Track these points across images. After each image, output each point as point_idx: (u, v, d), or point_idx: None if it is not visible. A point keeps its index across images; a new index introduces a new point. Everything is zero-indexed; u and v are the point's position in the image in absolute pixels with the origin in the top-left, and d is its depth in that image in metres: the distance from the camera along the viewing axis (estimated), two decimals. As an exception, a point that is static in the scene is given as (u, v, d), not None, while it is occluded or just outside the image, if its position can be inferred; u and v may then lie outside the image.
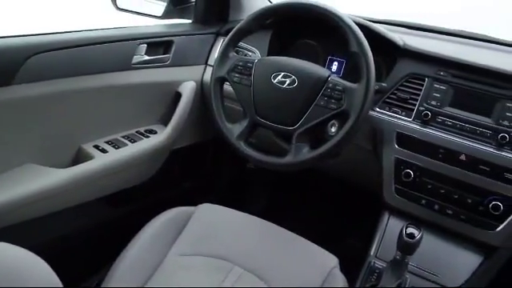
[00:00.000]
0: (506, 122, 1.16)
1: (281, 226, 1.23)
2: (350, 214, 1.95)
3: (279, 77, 1.18)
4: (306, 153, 1.15)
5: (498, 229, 1.15)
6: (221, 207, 1.27)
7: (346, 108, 1.10)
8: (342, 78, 1.16)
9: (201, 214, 1.24)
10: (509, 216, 1.14)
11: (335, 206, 2.02)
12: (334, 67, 1.48)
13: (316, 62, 1.27)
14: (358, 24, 1.15)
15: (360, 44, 1.10)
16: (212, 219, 1.23)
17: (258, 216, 1.25)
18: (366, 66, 1.09)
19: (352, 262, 1.24)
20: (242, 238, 1.18)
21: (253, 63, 1.23)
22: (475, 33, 1.54)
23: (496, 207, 1.14)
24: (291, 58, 1.23)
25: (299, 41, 1.55)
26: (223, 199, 1.74)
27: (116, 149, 1.35)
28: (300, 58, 1.24)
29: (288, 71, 1.18)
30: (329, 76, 1.14)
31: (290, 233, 1.21)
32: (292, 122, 1.16)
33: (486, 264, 1.19)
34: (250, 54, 1.50)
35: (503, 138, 1.14)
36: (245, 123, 1.23)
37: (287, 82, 1.17)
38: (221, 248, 1.14)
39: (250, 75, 1.22)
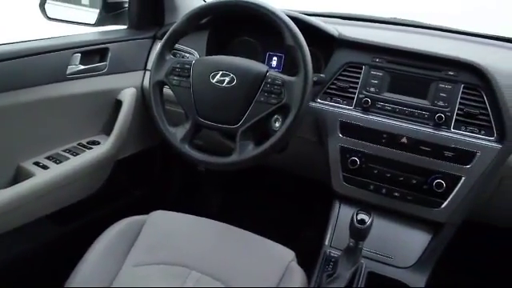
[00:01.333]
0: (440, 103, 1.21)
1: (237, 225, 1.22)
2: (305, 207, 1.97)
3: (218, 76, 1.17)
4: (250, 150, 1.15)
5: (443, 206, 1.20)
6: (174, 213, 1.25)
7: (287, 102, 1.11)
8: (283, 72, 1.16)
9: (153, 222, 1.21)
10: (452, 192, 1.19)
11: (289, 200, 2.03)
12: (274, 62, 1.48)
13: (256, 58, 1.27)
14: (292, 17, 1.15)
15: (295, 37, 1.11)
16: (165, 226, 1.21)
17: (214, 218, 1.24)
18: (302, 59, 1.10)
19: (310, 254, 1.25)
20: (197, 241, 1.16)
21: (190, 64, 1.21)
22: (407, 19, 1.59)
23: (439, 185, 1.18)
24: (229, 57, 1.22)
25: (237, 39, 1.55)
26: (177, 204, 1.72)
27: (57, 164, 1.30)
28: (239, 55, 1.23)
29: (226, 70, 1.17)
30: (267, 71, 1.14)
31: (245, 232, 1.20)
32: (234, 121, 1.16)
33: (434, 241, 1.24)
34: (188, 55, 1.48)
35: (440, 118, 1.19)
36: (187, 126, 1.22)
37: (226, 81, 1.16)
38: (176, 254, 1.12)
39: (189, 77, 1.21)
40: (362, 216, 1.07)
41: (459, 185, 1.18)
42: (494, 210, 1.32)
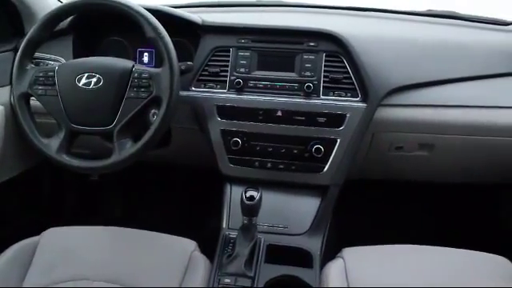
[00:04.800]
0: (307, 73, 1.28)
1: (141, 225, 1.20)
2: (203, 195, 1.98)
3: (83, 79, 1.13)
4: (129, 148, 1.13)
5: (325, 169, 1.27)
6: (68, 228, 1.20)
7: (157, 94, 1.10)
8: (155, 66, 1.15)
9: (47, 241, 1.15)
10: (331, 155, 1.27)
11: (188, 192, 2.03)
12: (146, 58, 1.47)
13: (126, 56, 1.25)
14: (153, 10, 1.15)
15: (154, 28, 1.10)
16: (60, 243, 1.15)
17: (117, 224, 1.21)
18: (165, 49, 1.10)
19: (215, 240, 1.26)
20: (95, 251, 1.13)
21: (54, 71, 1.16)
22: (271, 0, 1.65)
23: (318, 150, 1.25)
24: (92, 57, 1.19)
25: (105, 39, 1.50)
26: (76, 218, 1.64)
27: None
28: (109, 56, 1.21)
29: (91, 71, 1.14)
30: (133, 66, 1.13)
31: (144, 231, 1.18)
32: (108, 121, 1.13)
33: (323, 204, 1.30)
34: (53, 63, 1.42)
35: (308, 87, 1.26)
36: (61, 135, 1.16)
37: (93, 82, 1.13)
38: (76, 269, 1.08)
39: (55, 84, 1.15)
40: (250, 193, 1.10)
41: (336, 147, 1.26)
42: (371, 165, 1.43)
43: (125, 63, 1.15)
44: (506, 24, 1.52)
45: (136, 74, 1.12)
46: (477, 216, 1.89)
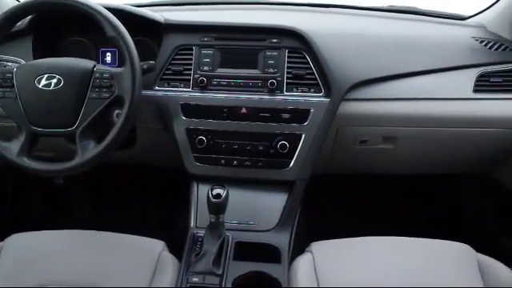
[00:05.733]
0: (270, 70, 1.29)
1: (109, 227, 1.19)
2: (172, 195, 1.97)
3: (43, 80, 1.11)
4: (92, 149, 1.11)
5: (291, 165, 1.28)
6: (32, 233, 1.17)
7: (119, 93, 1.09)
8: (118, 66, 1.14)
9: (10, 248, 1.12)
10: (296, 151, 1.28)
11: (157, 192, 2.02)
12: (109, 58, 1.45)
13: (88, 57, 1.23)
14: (114, 9, 1.14)
15: (115, 28, 1.09)
16: (25, 248, 1.13)
17: (85, 227, 1.19)
18: (126, 48, 1.09)
19: (183, 240, 1.25)
20: (62, 256, 1.11)
21: (12, 73, 1.13)
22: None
23: (283, 146, 1.26)
24: (52, 58, 1.17)
25: (66, 40, 1.48)
26: (42, 223, 1.61)
27: None
28: (71, 56, 1.19)
29: (51, 72, 1.12)
30: (94, 66, 1.12)
31: (111, 234, 1.17)
32: (70, 123, 1.11)
33: (290, 199, 1.31)
34: (11, 64, 1.38)
35: (272, 83, 1.27)
36: (22, 138, 1.14)
37: (53, 83, 1.11)
38: (41, 275, 1.05)
39: (13, 86, 1.13)
40: (217, 190, 1.10)
41: (301, 142, 1.27)
42: (336, 159, 1.45)
43: (86, 63, 1.13)
44: (463, 18, 1.57)
45: (97, 74, 1.11)
46: (441, 206, 1.94)
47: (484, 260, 1.08)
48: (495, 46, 1.39)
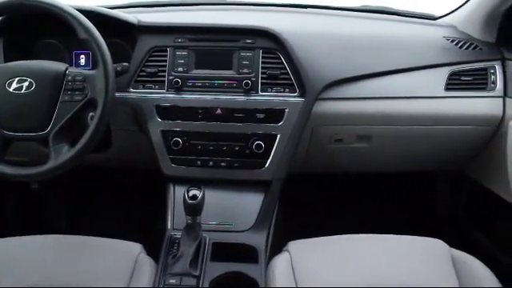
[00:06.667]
0: (245, 70, 1.29)
1: (86, 231, 1.17)
2: (150, 198, 1.96)
3: (14, 83, 1.09)
4: (66, 152, 1.10)
5: (266, 165, 1.29)
6: (7, 239, 1.15)
7: (92, 96, 1.08)
8: (92, 69, 1.13)
9: None
10: (271, 151, 1.28)
11: (134, 195, 2.00)
12: (83, 61, 1.43)
13: (62, 59, 1.21)
14: (86, 11, 1.13)
15: (87, 30, 1.08)
16: (1, 253, 1.11)
17: (63, 232, 1.17)
18: (98, 50, 1.08)
19: (161, 242, 1.25)
20: (38, 261, 1.09)
21: None
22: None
23: (259, 146, 1.27)
24: (23, 61, 1.15)
25: (40, 42, 1.45)
26: (17, 229, 1.58)
27: None
28: (43, 59, 1.17)
29: (22, 75, 1.10)
30: (66, 69, 1.11)
31: (88, 237, 1.16)
32: (43, 126, 1.10)
33: (267, 199, 1.31)
34: None
35: (247, 84, 1.27)
36: None
37: (25, 87, 1.09)
38: (19, 279, 1.03)
39: None
40: (193, 192, 1.10)
41: (276, 142, 1.27)
42: (312, 158, 1.46)
43: (58, 66, 1.12)
44: (435, 18, 1.60)
45: (70, 77, 1.10)
46: (417, 203, 1.97)
47: (457, 255, 1.09)
48: (466, 46, 1.42)
